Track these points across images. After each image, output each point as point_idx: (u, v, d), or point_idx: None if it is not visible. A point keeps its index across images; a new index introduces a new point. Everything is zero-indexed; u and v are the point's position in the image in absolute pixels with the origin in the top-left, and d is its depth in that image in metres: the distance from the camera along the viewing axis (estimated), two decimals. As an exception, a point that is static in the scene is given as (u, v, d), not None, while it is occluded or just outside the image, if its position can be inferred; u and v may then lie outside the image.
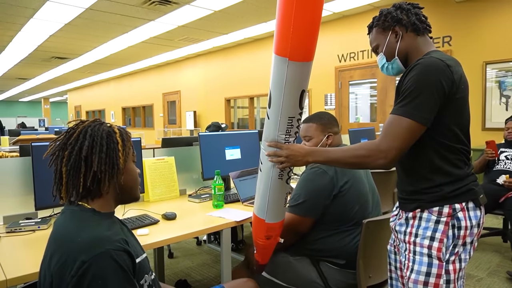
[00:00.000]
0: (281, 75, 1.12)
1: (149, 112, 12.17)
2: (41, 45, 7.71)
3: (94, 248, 0.80)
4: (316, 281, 1.58)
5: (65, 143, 0.96)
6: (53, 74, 11.94)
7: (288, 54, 1.08)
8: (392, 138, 1.08)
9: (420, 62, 1.10)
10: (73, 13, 5.63)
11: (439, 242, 1.10)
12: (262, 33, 7.22)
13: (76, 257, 0.79)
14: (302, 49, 1.09)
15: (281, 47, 1.10)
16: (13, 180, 1.80)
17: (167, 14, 5.76)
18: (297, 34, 1.07)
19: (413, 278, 1.13)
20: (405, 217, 1.20)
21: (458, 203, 1.11)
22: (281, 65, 1.11)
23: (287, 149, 1.23)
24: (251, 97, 8.23)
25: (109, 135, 0.97)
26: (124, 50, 8.39)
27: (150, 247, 1.46)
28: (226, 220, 1.75)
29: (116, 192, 0.99)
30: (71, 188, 0.94)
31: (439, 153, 1.13)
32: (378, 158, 1.10)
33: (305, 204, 1.56)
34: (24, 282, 1.17)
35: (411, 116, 1.07)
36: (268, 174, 1.30)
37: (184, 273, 2.84)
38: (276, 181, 1.29)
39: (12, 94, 19.01)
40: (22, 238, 1.52)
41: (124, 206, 2.00)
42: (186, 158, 2.52)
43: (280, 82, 1.13)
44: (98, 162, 0.93)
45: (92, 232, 0.86)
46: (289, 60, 1.09)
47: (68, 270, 0.78)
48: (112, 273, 0.80)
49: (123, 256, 0.83)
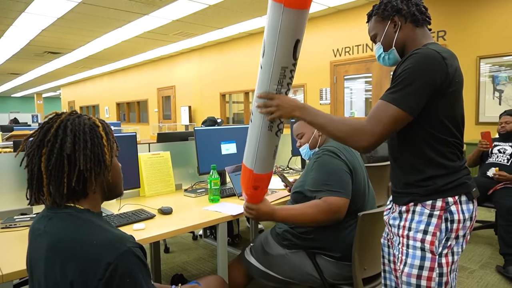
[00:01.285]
0: (275, 22, 1.08)
1: (143, 107, 12.11)
2: (33, 39, 7.62)
3: (116, 248, 0.78)
4: (312, 273, 1.60)
5: (42, 139, 0.86)
6: (46, 69, 11.81)
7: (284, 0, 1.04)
8: (376, 122, 1.09)
9: (416, 52, 1.09)
10: (65, 7, 5.56)
11: (432, 236, 1.11)
12: (257, 28, 7.19)
13: (100, 260, 0.76)
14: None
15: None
16: (7, 175, 1.79)
17: (161, 8, 5.71)
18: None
19: (406, 271, 1.14)
20: (399, 211, 1.21)
21: (451, 197, 1.12)
22: (276, 12, 1.07)
23: (278, 99, 1.22)
24: (246, 92, 8.21)
25: (92, 129, 0.89)
26: (118, 44, 8.32)
27: (146, 241, 1.46)
28: (222, 214, 1.75)
29: (104, 191, 0.94)
30: (53, 189, 0.85)
31: (430, 145, 1.13)
32: (360, 140, 1.11)
33: (341, 184, 1.52)
34: (19, 277, 1.17)
35: (398, 104, 1.07)
36: (258, 125, 1.29)
37: (180, 268, 2.85)
38: (265, 133, 1.29)
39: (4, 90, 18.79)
40: (17, 234, 1.51)
41: (120, 201, 2.00)
42: (181, 153, 2.51)
43: (274, 30, 1.09)
44: (84, 160, 0.85)
45: (105, 232, 0.83)
46: (284, 7, 1.04)
47: (92, 275, 0.75)
48: (138, 270, 0.79)
49: (140, 252, 0.82)
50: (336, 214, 1.49)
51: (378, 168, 2.58)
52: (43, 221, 0.88)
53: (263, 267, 1.70)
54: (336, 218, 1.51)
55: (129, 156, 1.99)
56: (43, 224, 0.87)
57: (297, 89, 7.11)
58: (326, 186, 1.52)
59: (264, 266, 1.70)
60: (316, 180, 1.57)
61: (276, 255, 1.68)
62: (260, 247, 1.76)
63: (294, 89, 7.15)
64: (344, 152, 1.63)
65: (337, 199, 1.49)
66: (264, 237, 1.79)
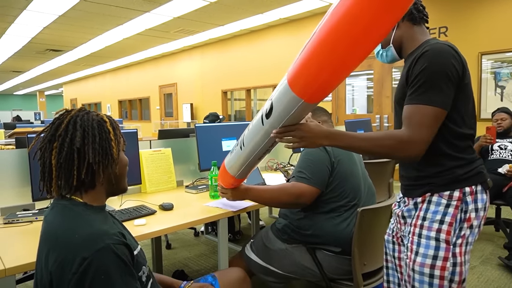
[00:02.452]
0: (288, 109, 1.05)
1: (145, 104, 12.13)
2: (35, 37, 7.63)
3: (94, 244, 0.79)
4: (312, 268, 1.61)
5: (53, 134, 0.91)
6: (48, 66, 11.83)
7: (307, 97, 0.99)
8: (418, 128, 1.06)
9: (429, 48, 1.08)
10: (67, 4, 5.56)
11: (448, 226, 1.11)
12: (258, 25, 7.18)
13: (76, 254, 0.77)
14: (322, 95, 1.00)
15: (302, 88, 0.98)
16: (10, 172, 1.80)
17: (162, 5, 5.71)
18: (327, 83, 0.95)
19: (419, 261, 1.13)
20: (414, 203, 1.19)
21: (468, 186, 1.12)
22: (293, 101, 1.02)
23: (300, 130, 1.11)
24: (248, 89, 8.21)
25: (100, 125, 0.94)
26: (119, 42, 8.32)
27: (147, 237, 1.48)
28: (222, 210, 1.76)
29: (111, 183, 0.97)
30: (62, 181, 0.90)
31: (446, 140, 1.12)
32: (409, 151, 1.07)
33: (312, 172, 1.60)
34: (22, 271, 1.18)
35: (432, 102, 1.05)
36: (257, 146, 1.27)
37: (181, 264, 2.87)
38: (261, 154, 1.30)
39: (7, 87, 18.85)
40: (20, 229, 1.53)
41: (121, 197, 2.01)
42: (183, 149, 2.52)
43: (285, 113, 1.06)
44: (93, 153, 0.90)
45: (89, 227, 0.84)
46: (304, 102, 1.00)
47: (68, 268, 0.77)
48: (114, 267, 0.79)
49: (123, 250, 0.82)
50: (299, 198, 1.58)
51: (378, 164, 2.59)
52: (48, 209, 0.94)
53: (264, 262, 1.71)
54: (301, 203, 1.60)
55: (131, 153, 2.00)
56: (46, 213, 0.94)
57: (298, 86, 7.11)
58: (299, 173, 1.63)
59: (264, 261, 1.71)
60: (295, 168, 1.68)
61: (276, 249, 1.69)
62: (261, 242, 1.77)
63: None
64: None
65: (302, 185, 1.59)
66: (265, 233, 1.80)
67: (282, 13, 6.41)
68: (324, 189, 1.61)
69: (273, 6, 5.96)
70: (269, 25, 7.25)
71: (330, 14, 0.89)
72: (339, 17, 0.86)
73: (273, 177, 2.55)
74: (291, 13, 6.39)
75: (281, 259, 1.67)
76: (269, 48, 7.51)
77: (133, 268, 0.85)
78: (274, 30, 7.35)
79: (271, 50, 7.48)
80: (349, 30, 0.85)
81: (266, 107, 1.14)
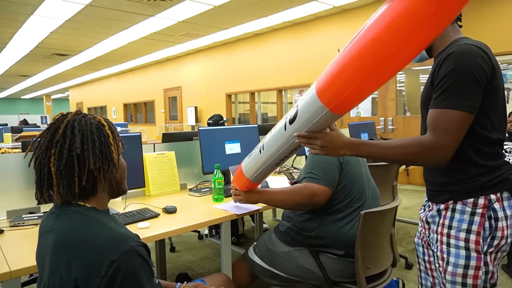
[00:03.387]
0: (313, 117, 1.08)
1: (150, 108, 12.19)
2: (42, 42, 7.73)
3: (120, 247, 0.79)
4: (315, 271, 1.61)
5: (51, 140, 0.88)
6: (54, 71, 11.96)
7: (333, 106, 1.01)
8: (444, 133, 1.03)
9: (454, 50, 1.05)
10: (73, 9, 5.63)
11: (476, 235, 1.08)
12: (262, 28, 7.20)
13: (104, 258, 0.77)
14: (349, 107, 1.01)
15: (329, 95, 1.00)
16: (16, 175, 1.82)
17: (167, 9, 5.75)
18: (355, 96, 0.97)
19: (451, 270, 1.11)
20: (437, 209, 1.17)
21: (494, 194, 1.08)
22: (318, 110, 1.05)
23: (321, 139, 1.13)
24: (252, 92, 8.23)
25: (99, 129, 0.91)
26: (124, 46, 8.39)
27: (150, 240, 1.49)
28: (226, 213, 1.77)
29: (112, 188, 0.96)
30: (64, 189, 0.87)
31: (473, 146, 1.09)
32: (435, 157, 1.05)
33: (323, 172, 1.61)
34: (27, 274, 1.20)
35: (459, 107, 1.02)
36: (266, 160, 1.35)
37: (185, 267, 2.88)
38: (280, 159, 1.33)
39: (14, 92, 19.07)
40: (25, 232, 1.54)
41: (125, 200, 2.03)
42: (186, 152, 2.54)
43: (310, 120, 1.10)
44: (93, 159, 0.87)
45: (110, 231, 0.84)
46: (329, 111, 1.03)
47: (96, 272, 0.77)
48: (141, 268, 0.81)
49: (144, 251, 0.84)
50: (313, 198, 1.57)
51: (382, 167, 2.57)
52: (51, 218, 0.90)
53: (267, 265, 1.71)
54: (315, 203, 1.58)
55: (134, 156, 2.02)
56: (51, 221, 0.90)
57: (303, 89, 7.11)
58: (310, 173, 1.62)
59: (268, 264, 1.71)
60: (304, 168, 1.68)
61: (280, 252, 1.69)
62: (264, 245, 1.77)
63: (300, 89, 7.15)
64: None
65: (314, 185, 1.58)
66: (268, 235, 1.81)
67: (286, 17, 6.43)
68: (335, 189, 1.61)
69: (277, 9, 5.98)
70: (273, 28, 7.27)
71: (367, 28, 0.91)
72: (373, 35, 0.88)
73: (277, 180, 2.56)
74: (294, 16, 6.40)
75: (285, 262, 1.67)
76: (273, 51, 7.53)
77: None
78: (278, 33, 7.37)
79: (275, 53, 7.50)
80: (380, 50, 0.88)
81: (290, 114, 1.17)
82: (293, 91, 7.36)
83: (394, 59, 0.88)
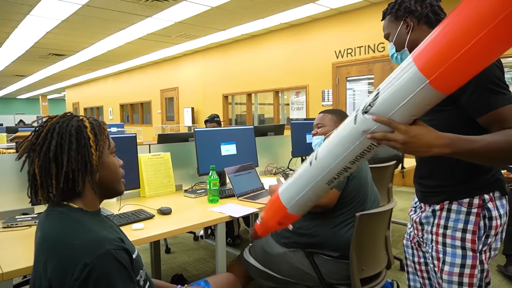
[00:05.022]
0: (403, 93, 0.84)
1: (147, 108, 12.17)
2: (38, 42, 7.69)
3: (95, 250, 0.79)
4: (310, 272, 1.61)
5: (34, 143, 0.91)
6: (50, 71, 11.91)
7: (435, 77, 0.79)
8: None
9: None
10: (69, 9, 5.61)
11: (472, 234, 1.09)
12: (260, 29, 7.21)
13: (78, 260, 0.77)
14: (457, 79, 0.80)
15: (431, 61, 0.79)
16: (9, 176, 1.81)
17: (164, 10, 5.75)
18: (460, 65, 0.77)
19: (447, 270, 1.13)
20: (432, 210, 1.18)
21: (487, 193, 1.10)
22: (414, 81, 0.82)
23: (405, 133, 0.87)
24: (249, 94, 8.23)
25: (79, 131, 0.92)
26: (121, 46, 8.37)
27: (145, 241, 1.48)
28: (220, 214, 1.77)
29: (102, 188, 0.96)
30: (44, 190, 0.90)
31: None
32: None
33: None
34: (19, 275, 1.19)
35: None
36: (317, 174, 1.04)
37: (180, 268, 2.87)
38: (321, 184, 1.05)
39: (10, 91, 18.96)
40: (19, 233, 1.53)
41: (120, 201, 2.02)
42: (182, 154, 2.53)
43: (400, 99, 0.85)
44: (68, 161, 0.88)
45: (89, 233, 0.84)
46: (429, 84, 0.80)
47: (70, 274, 0.76)
48: (116, 272, 0.80)
49: (123, 255, 0.83)
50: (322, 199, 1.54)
51: (379, 169, 2.58)
52: (42, 217, 0.93)
53: (262, 266, 1.71)
54: (322, 205, 1.58)
55: (130, 157, 2.01)
56: (41, 220, 0.93)
57: (299, 90, 7.12)
58: None
59: (263, 265, 1.71)
60: None
61: (275, 253, 1.69)
62: (260, 246, 1.77)
63: (297, 91, 7.16)
64: None
65: None
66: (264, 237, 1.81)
67: (283, 18, 6.45)
68: (342, 192, 1.61)
69: (274, 11, 5.99)
70: (270, 30, 7.28)
71: None
72: None
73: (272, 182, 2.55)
74: (292, 18, 6.42)
75: (280, 264, 1.67)
76: (270, 52, 7.54)
77: (132, 272, 0.86)
78: (275, 35, 7.38)
79: (272, 55, 7.51)
80: None
81: (365, 102, 0.92)
82: (290, 92, 7.37)
83: None
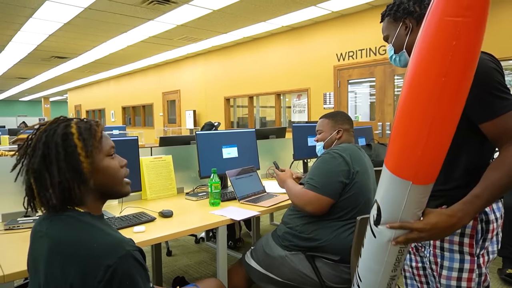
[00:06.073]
0: (398, 200, 0.96)
1: (149, 111, 12.19)
2: (40, 44, 7.72)
3: (116, 251, 0.79)
4: (311, 276, 1.61)
5: (23, 154, 0.91)
6: (53, 73, 11.95)
7: (412, 178, 0.92)
8: None
9: None
10: (72, 12, 5.64)
11: (470, 238, 1.09)
12: (261, 32, 7.23)
13: (100, 263, 0.77)
14: (430, 172, 0.92)
15: (404, 167, 0.92)
16: (11, 178, 1.81)
17: (166, 13, 5.77)
18: (427, 158, 0.89)
19: (445, 274, 1.13)
20: None
21: None
22: (401, 188, 0.94)
23: (423, 230, 0.95)
24: (251, 96, 8.24)
25: (65, 139, 0.87)
26: (123, 49, 8.40)
27: (146, 243, 1.48)
28: (221, 217, 1.77)
29: (102, 192, 0.94)
30: (43, 200, 0.87)
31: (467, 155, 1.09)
32: None
33: (323, 182, 1.61)
34: (21, 277, 1.19)
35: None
36: (375, 280, 1.08)
37: (182, 271, 2.87)
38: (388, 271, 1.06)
39: (12, 94, 19.03)
40: (20, 235, 1.54)
41: (122, 204, 2.02)
42: (183, 156, 2.53)
43: (398, 206, 0.97)
44: (59, 171, 0.85)
45: (106, 236, 0.84)
46: (412, 184, 0.92)
47: (92, 277, 0.77)
48: (137, 272, 0.81)
49: (139, 255, 0.84)
50: (306, 206, 1.62)
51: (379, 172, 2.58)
52: (44, 224, 0.90)
53: (263, 269, 1.71)
54: (308, 211, 1.63)
55: (131, 160, 2.01)
56: (44, 226, 0.89)
57: (301, 93, 7.13)
58: (311, 180, 1.65)
59: (264, 268, 1.71)
60: (309, 173, 1.71)
61: (276, 256, 1.69)
62: (261, 249, 1.77)
63: (298, 93, 7.17)
64: (352, 153, 1.68)
65: (310, 193, 1.61)
66: (265, 240, 1.81)
67: (285, 21, 6.46)
68: (337, 199, 1.62)
69: (276, 14, 6.00)
70: (271, 33, 7.30)
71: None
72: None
73: (274, 185, 2.55)
74: (293, 21, 6.43)
75: (281, 267, 1.67)
76: (272, 55, 7.56)
77: None
78: (277, 38, 7.40)
79: (273, 58, 7.52)
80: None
81: (372, 214, 1.03)
82: (292, 95, 7.37)
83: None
